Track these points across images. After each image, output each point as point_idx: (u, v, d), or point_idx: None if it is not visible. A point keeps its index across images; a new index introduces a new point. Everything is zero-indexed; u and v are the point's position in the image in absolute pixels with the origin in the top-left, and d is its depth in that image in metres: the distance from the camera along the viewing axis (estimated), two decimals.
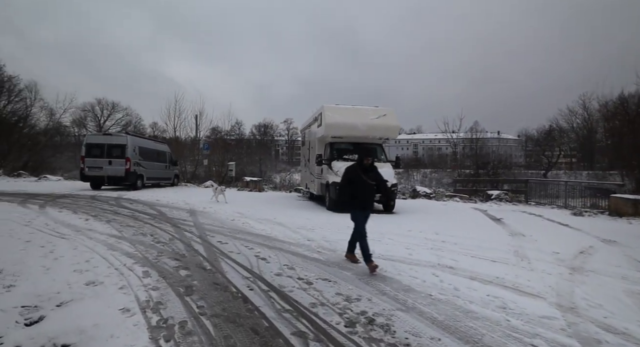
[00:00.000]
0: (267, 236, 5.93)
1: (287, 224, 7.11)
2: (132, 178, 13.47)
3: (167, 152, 16.99)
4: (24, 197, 10.33)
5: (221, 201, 10.72)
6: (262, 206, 10.18)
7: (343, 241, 5.64)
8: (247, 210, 9.04)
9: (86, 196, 10.88)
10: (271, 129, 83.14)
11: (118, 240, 5.32)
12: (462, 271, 4.23)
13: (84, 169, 13.04)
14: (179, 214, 8.07)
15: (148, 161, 14.71)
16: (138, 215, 7.67)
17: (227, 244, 5.27)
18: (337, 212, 9.16)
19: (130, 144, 13.40)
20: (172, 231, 6.17)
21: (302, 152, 14.04)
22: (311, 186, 11.86)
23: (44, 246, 4.83)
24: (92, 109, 49.91)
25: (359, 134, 9.72)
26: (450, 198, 14.80)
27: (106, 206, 8.96)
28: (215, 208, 9.12)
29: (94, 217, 7.21)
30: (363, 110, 9.92)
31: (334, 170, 9.27)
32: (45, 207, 8.26)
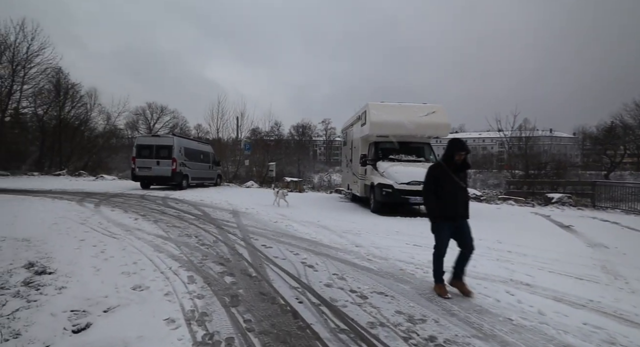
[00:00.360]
0: (312, 241, 5.64)
1: (332, 228, 6.78)
2: (178, 178, 13.95)
3: (211, 153, 17.46)
4: (82, 195, 11.02)
5: (283, 205, 9.97)
6: (304, 208, 9.96)
7: (394, 248, 5.20)
8: (290, 212, 8.85)
9: (136, 195, 11.36)
10: (309, 129, 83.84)
11: (164, 241, 5.31)
12: (542, 290, 3.62)
13: (135, 169, 13.73)
14: (222, 214, 8.06)
15: (193, 162, 15.18)
16: (183, 215, 7.76)
17: (271, 248, 5.05)
18: (382, 215, 8.68)
19: (177, 145, 13.88)
20: (216, 232, 6.09)
21: (344, 152, 13.68)
22: (354, 187, 11.46)
23: (95, 246, 4.91)
24: (143, 112, 53.45)
25: (406, 132, 9.15)
26: (503, 201, 13.63)
27: (154, 205, 9.23)
28: (257, 209, 9.04)
29: (143, 216, 7.39)
30: (410, 107, 9.33)
31: (379, 171, 8.80)
32: (99, 206, 8.67)
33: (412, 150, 9.44)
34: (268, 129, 26.06)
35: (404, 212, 9.32)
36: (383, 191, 8.42)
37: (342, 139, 14.32)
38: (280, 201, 10.07)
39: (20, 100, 26.00)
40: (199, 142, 16.70)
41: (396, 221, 7.81)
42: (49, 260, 4.11)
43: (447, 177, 3.44)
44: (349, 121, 12.78)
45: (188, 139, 15.97)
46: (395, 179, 8.35)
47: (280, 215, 8.23)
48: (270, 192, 15.19)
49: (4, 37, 24.37)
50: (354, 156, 11.53)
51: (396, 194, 8.28)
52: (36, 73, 25.87)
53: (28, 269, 3.73)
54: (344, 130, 13.81)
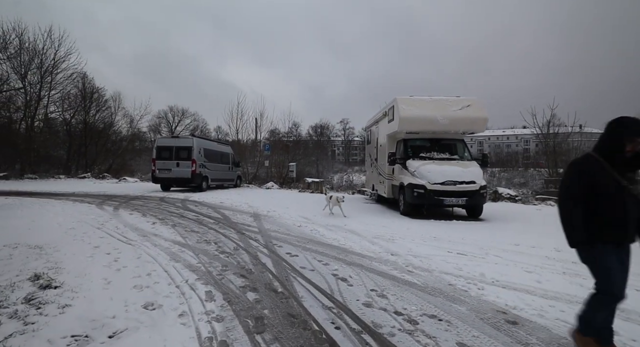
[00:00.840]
0: (341, 248, 5.11)
1: (361, 233, 6.23)
2: (198, 180, 13.76)
3: (230, 154, 17.26)
4: (102, 198, 10.95)
5: (337, 213, 8.23)
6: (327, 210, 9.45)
7: (435, 257, 4.60)
8: (313, 214, 8.36)
9: (156, 198, 11.20)
10: (327, 129, 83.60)
11: (181, 248, 4.93)
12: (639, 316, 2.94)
13: (155, 171, 13.65)
14: (243, 218, 7.66)
15: (212, 163, 14.98)
16: (202, 219, 7.41)
17: (297, 257, 4.56)
18: (413, 218, 8.05)
19: (196, 146, 13.70)
20: (236, 238, 5.67)
21: (367, 151, 13.07)
22: (379, 188, 10.84)
23: (109, 253, 4.59)
24: (165, 116, 54.72)
25: (438, 128, 8.47)
26: (541, 202, 12.62)
27: (173, 208, 8.97)
28: (279, 212, 8.60)
29: (161, 220, 7.09)
30: (443, 101, 8.64)
31: (409, 171, 8.16)
32: (118, 209, 8.47)
33: (444, 147, 8.74)
34: (287, 129, 25.68)
35: (437, 214, 8.64)
36: (414, 192, 7.78)
37: (365, 137, 13.71)
38: (335, 208, 8.34)
39: (48, 106, 26.88)
40: (218, 143, 16.54)
41: (431, 225, 7.16)
42: (58, 271, 3.78)
43: (607, 178, 2.15)
44: (373, 118, 12.17)
45: (207, 140, 15.82)
46: (427, 179, 7.70)
47: (304, 218, 7.75)
48: (291, 193, 14.79)
49: (33, 44, 25.26)
50: (380, 155, 10.92)
51: (429, 195, 7.63)
52: (62, 78, 26.70)
53: (33, 282, 3.39)
54: (367, 128, 13.21)
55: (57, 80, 26.62)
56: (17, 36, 24.57)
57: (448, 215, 8.70)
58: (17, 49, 24.86)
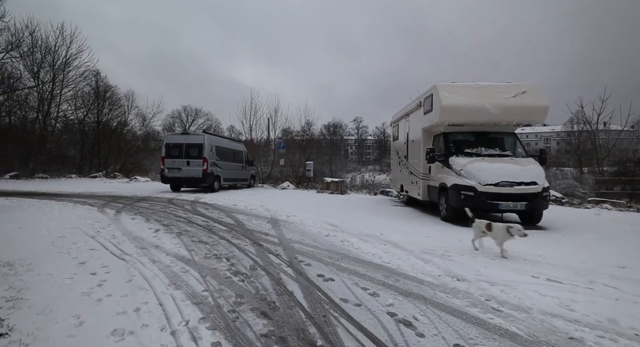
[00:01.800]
0: (386, 268, 4.02)
1: (404, 245, 5.12)
2: (209, 179, 12.89)
3: (244, 152, 16.37)
4: (107, 199, 10.17)
5: (494, 247, 4.69)
6: (355, 214, 8.36)
7: (519, 284, 3.45)
8: (340, 220, 7.29)
9: (164, 200, 10.35)
10: (340, 128, 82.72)
11: (185, 266, 3.94)
12: None
13: (164, 170, 12.84)
14: (259, 224, 6.66)
15: (225, 161, 14.10)
16: (213, 226, 6.44)
17: (333, 282, 3.51)
18: (457, 224, 6.88)
19: (208, 143, 12.83)
20: (253, 252, 4.65)
21: (395, 147, 11.90)
22: (411, 189, 9.68)
23: (95, 274, 3.64)
24: (179, 115, 54.70)
25: (486, 119, 7.26)
26: (596, 205, 11.19)
27: (181, 211, 8.05)
28: (300, 217, 7.57)
29: (165, 227, 6.15)
30: (492, 87, 7.40)
31: (454, 169, 6.99)
32: (120, 213, 7.61)
33: (493, 142, 7.53)
34: (303, 124, 24.59)
35: None
36: (461, 195, 6.61)
37: (391, 133, 12.55)
38: (504, 245, 4.57)
39: (60, 104, 26.67)
40: (231, 140, 15.67)
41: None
42: (17, 304, 2.83)
43: None
44: (401, 111, 11.00)
45: (220, 137, 14.95)
46: (478, 179, 6.51)
47: (330, 225, 6.68)
48: (309, 194, 13.73)
49: (45, 42, 25.05)
50: (411, 151, 9.75)
51: (480, 198, 6.45)
52: (74, 76, 26.46)
53: None
54: (393, 122, 12.04)
55: (70, 78, 26.44)
56: (30, 33, 24.40)
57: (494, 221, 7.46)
58: (30, 47, 24.72)
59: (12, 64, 25.09)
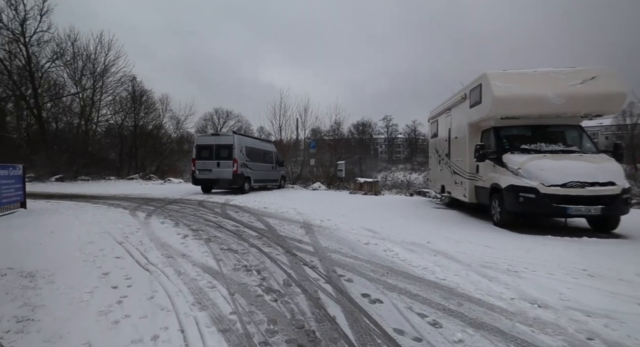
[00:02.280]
0: (443, 287, 3.40)
1: (458, 256, 4.44)
2: (240, 181, 12.69)
3: (274, 152, 16.11)
4: (140, 202, 10.19)
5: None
6: (394, 218, 7.71)
7: (626, 315, 2.70)
8: (379, 225, 6.68)
9: (194, 202, 10.21)
10: (369, 127, 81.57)
11: (212, 280, 3.53)
12: None
13: (195, 172, 12.81)
14: (292, 230, 6.21)
15: (255, 162, 13.88)
16: (243, 231, 6.07)
17: (381, 305, 2.95)
18: (513, 230, 6.06)
19: (237, 144, 12.64)
20: (286, 263, 4.19)
21: (433, 145, 11.06)
22: (454, 190, 8.86)
23: (116, 287, 3.33)
24: (210, 118, 56.13)
25: (547, 110, 6.35)
26: None
27: (210, 215, 7.79)
28: (335, 221, 7.05)
29: (194, 232, 5.85)
30: (553, 74, 6.47)
31: (509, 168, 6.17)
32: (151, 217, 7.46)
33: (555, 136, 6.60)
34: (333, 123, 24.05)
35: (549, 227, 6.55)
36: (520, 197, 5.79)
37: (430, 130, 11.71)
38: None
39: (100, 109, 27.96)
40: (261, 140, 15.45)
41: (553, 245, 5.15)
42: (27, 327, 2.52)
43: None
44: (441, 106, 10.17)
45: (249, 137, 14.76)
46: (541, 179, 5.66)
47: (369, 231, 6.10)
48: (341, 195, 13.16)
49: (86, 50, 26.34)
50: (454, 149, 8.93)
51: (543, 201, 5.60)
52: (112, 81, 27.64)
53: None
54: (432, 119, 11.20)
55: (108, 84, 27.65)
56: (72, 43, 25.75)
57: (569, 229, 6.54)
58: (72, 56, 26.10)
59: (57, 72, 26.74)
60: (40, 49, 25.33)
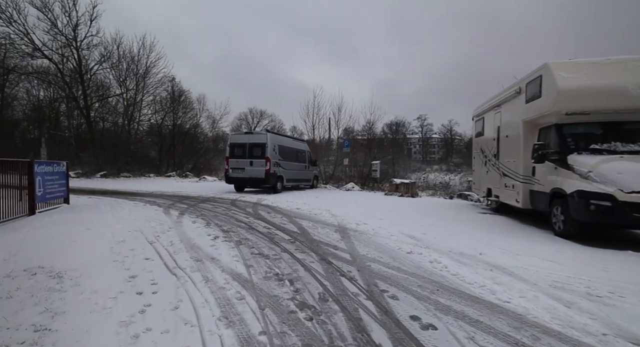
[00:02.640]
0: (509, 311, 2.85)
1: (519, 272, 3.84)
2: (272, 180, 12.53)
3: (307, 151, 15.85)
4: (174, 200, 10.29)
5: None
6: (437, 223, 7.11)
7: None
8: (420, 230, 6.13)
9: (227, 201, 10.14)
10: (403, 126, 79.62)
11: (241, 290, 3.23)
12: None
13: (228, 170, 12.82)
14: (326, 234, 5.83)
15: (288, 161, 13.68)
16: (274, 233, 5.78)
17: (435, 333, 2.48)
18: (586, 244, 5.27)
19: (270, 142, 12.49)
20: (321, 272, 3.81)
21: (478, 144, 10.22)
22: (504, 194, 8.05)
23: (141, 293, 3.13)
24: (245, 117, 57.38)
25: (625, 104, 5.48)
26: None
27: (242, 215, 7.60)
28: (372, 225, 6.59)
29: (225, 233, 5.64)
30: (634, 61, 5.57)
31: (577, 171, 5.38)
32: (183, 215, 7.40)
33: (634, 134, 5.68)
34: (369, 120, 23.26)
35: (623, 239, 5.68)
36: (591, 205, 5.01)
37: (474, 129, 10.87)
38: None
39: (141, 109, 29.26)
40: (294, 139, 15.24)
41: (632, 261, 4.37)
42: (42, 338, 2.32)
43: None
44: (489, 103, 9.35)
45: (282, 136, 14.59)
46: (618, 185, 4.86)
47: (410, 238, 5.58)
48: (377, 196, 12.61)
49: (130, 52, 27.65)
50: (504, 149, 8.11)
51: (621, 210, 4.79)
52: (153, 82, 28.81)
53: None
54: (477, 116, 10.36)
55: (149, 84, 28.85)
56: (117, 46, 27.13)
57: (633, 240, 5.64)
58: (117, 58, 27.51)
59: (103, 74, 28.33)
60: (89, 52, 26.97)
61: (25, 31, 24.71)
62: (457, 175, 49.62)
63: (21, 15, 24.31)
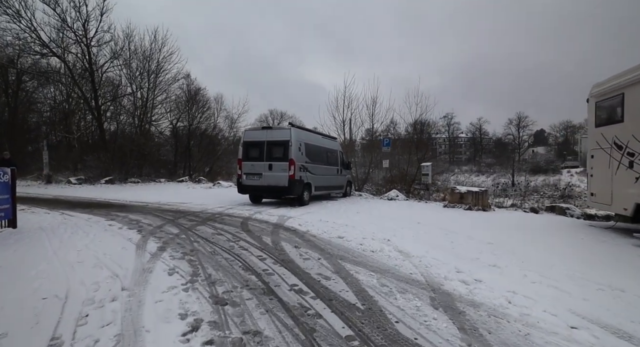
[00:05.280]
0: None
1: None
2: (297, 189, 9.73)
3: (338, 151, 12.95)
4: (168, 217, 7.68)
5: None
6: (595, 277, 4.02)
7: None
8: (599, 300, 3.09)
9: (236, 221, 7.40)
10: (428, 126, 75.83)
11: None
12: None
13: (241, 176, 10.10)
14: (418, 312, 2.92)
15: (316, 164, 10.85)
16: (313, 309, 2.92)
17: None
18: None
19: (295, 139, 9.69)
20: None
21: (610, 136, 6.86)
22: None
23: None
24: (265, 119, 55.44)
25: None
26: None
27: (255, 252, 4.81)
28: (490, 283, 3.61)
29: (217, 313, 2.84)
30: None
31: None
32: (163, 253, 4.70)
33: None
34: (414, 107, 19.65)
35: None
36: None
37: (591, 113, 7.57)
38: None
39: (153, 108, 27.34)
40: (323, 136, 12.33)
41: None
42: None
43: None
44: (619, 79, 6.19)
45: (310, 132, 11.65)
46: None
47: (609, 334, 2.57)
48: (437, 210, 9.44)
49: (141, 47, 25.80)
50: None
51: None
52: (167, 79, 26.87)
53: None
54: (606, 94, 7.01)
55: (163, 82, 26.92)
56: (128, 41, 25.34)
57: None
58: (128, 55, 25.72)
59: (114, 71, 26.64)
60: (100, 49, 25.33)
61: (33, 28, 23.33)
62: (488, 176, 45.35)
63: (28, 11, 22.93)
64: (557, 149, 79.17)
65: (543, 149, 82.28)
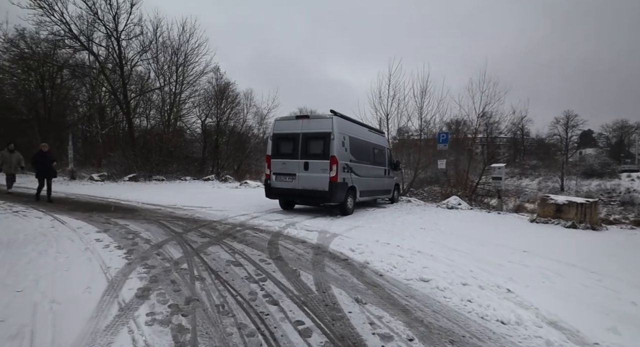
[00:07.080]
0: None
1: None
2: (340, 194, 7.72)
3: (386, 148, 10.80)
4: (177, 230, 5.94)
5: None
6: None
7: None
8: None
9: (263, 237, 5.51)
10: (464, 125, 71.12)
11: None
12: None
13: (270, 177, 8.21)
14: None
15: (362, 163, 8.79)
16: None
17: None
18: None
19: (338, 131, 7.68)
20: None
21: None
22: None
23: None
24: None
25: None
26: None
27: (291, 305, 2.86)
28: None
29: None
30: None
31: None
32: (145, 299, 2.85)
33: None
34: (479, 96, 16.51)
35: None
36: None
37: None
38: None
39: (180, 103, 26.38)
40: (370, 129, 10.18)
41: None
42: None
43: None
44: None
45: (355, 123, 9.49)
46: None
47: None
48: (523, 226, 7.00)
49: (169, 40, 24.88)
50: None
51: None
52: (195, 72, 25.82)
53: None
54: None
55: (191, 75, 25.90)
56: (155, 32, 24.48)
57: None
58: (157, 48, 24.88)
59: (143, 65, 25.93)
60: (129, 43, 24.67)
61: (65, 21, 22.93)
62: (532, 179, 41.15)
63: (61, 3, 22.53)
64: (609, 150, 71.89)
65: (593, 150, 75.26)
